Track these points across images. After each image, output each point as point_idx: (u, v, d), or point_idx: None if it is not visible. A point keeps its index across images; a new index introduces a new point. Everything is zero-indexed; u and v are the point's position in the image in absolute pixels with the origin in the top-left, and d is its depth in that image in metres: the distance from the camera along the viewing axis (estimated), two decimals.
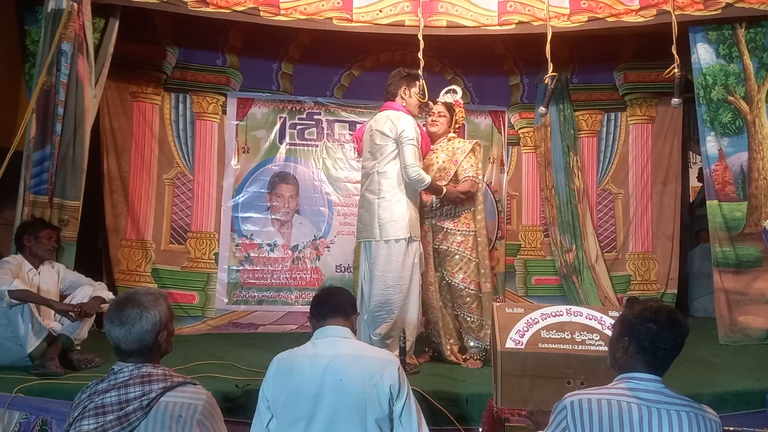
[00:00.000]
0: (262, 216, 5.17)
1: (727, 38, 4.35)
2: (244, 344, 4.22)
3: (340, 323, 2.04)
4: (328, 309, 2.06)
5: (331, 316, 2.04)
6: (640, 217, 5.35)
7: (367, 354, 1.99)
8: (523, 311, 2.47)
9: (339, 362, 1.92)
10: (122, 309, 1.68)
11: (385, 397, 1.90)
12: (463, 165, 3.66)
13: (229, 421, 1.87)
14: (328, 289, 2.16)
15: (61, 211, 3.79)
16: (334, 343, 1.98)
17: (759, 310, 4.24)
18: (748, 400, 2.96)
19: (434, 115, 3.76)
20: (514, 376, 2.33)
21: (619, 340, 1.69)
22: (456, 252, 3.62)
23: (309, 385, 1.90)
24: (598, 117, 5.45)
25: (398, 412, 1.93)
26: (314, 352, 1.97)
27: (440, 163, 3.69)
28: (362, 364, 1.93)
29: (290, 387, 1.93)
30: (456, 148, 3.71)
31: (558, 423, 1.62)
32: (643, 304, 1.70)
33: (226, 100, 5.18)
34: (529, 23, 4.25)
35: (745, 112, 4.34)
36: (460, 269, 3.61)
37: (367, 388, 1.89)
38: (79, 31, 3.82)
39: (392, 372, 1.94)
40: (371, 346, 2.16)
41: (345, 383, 1.89)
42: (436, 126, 3.75)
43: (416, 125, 3.48)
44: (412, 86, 3.57)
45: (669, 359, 1.66)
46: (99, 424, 1.59)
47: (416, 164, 3.38)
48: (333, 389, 1.89)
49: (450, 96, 3.88)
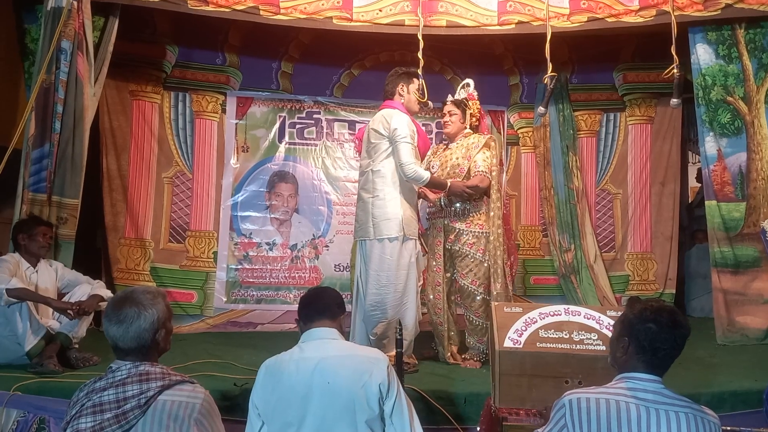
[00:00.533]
0: (261, 215, 5.17)
1: (727, 39, 4.36)
2: (243, 343, 4.22)
3: (327, 324, 2.01)
4: (314, 311, 2.04)
5: (317, 318, 2.02)
6: (639, 217, 5.36)
7: (355, 354, 1.98)
8: (522, 311, 2.47)
9: (326, 364, 1.90)
10: (120, 307, 1.68)
11: (375, 396, 1.88)
12: (476, 160, 3.57)
13: (227, 420, 1.88)
14: (314, 291, 2.15)
15: (60, 210, 3.79)
16: (321, 345, 1.96)
17: (757, 311, 4.24)
18: (746, 400, 2.97)
19: (445, 116, 3.72)
20: (512, 376, 2.33)
21: (620, 340, 1.69)
22: (467, 253, 3.54)
23: (297, 389, 1.89)
24: (597, 117, 5.45)
25: (389, 412, 1.92)
26: (301, 356, 1.94)
27: (454, 160, 3.61)
28: (350, 364, 1.92)
29: (279, 392, 1.91)
30: (470, 144, 3.62)
31: (557, 421, 1.62)
32: (643, 304, 1.69)
33: (225, 99, 5.18)
34: (529, 23, 4.25)
35: (744, 112, 4.35)
36: (470, 271, 3.55)
37: (356, 388, 1.87)
38: (78, 29, 3.82)
39: (381, 370, 1.92)
40: (360, 346, 2.14)
41: (333, 385, 1.88)
42: (449, 126, 3.70)
43: (411, 123, 3.46)
44: (410, 83, 3.55)
45: (669, 360, 1.66)
46: (97, 422, 1.59)
47: (412, 162, 3.34)
48: (321, 392, 1.87)
49: (463, 91, 3.75)
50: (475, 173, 3.56)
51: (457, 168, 3.59)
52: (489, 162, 3.58)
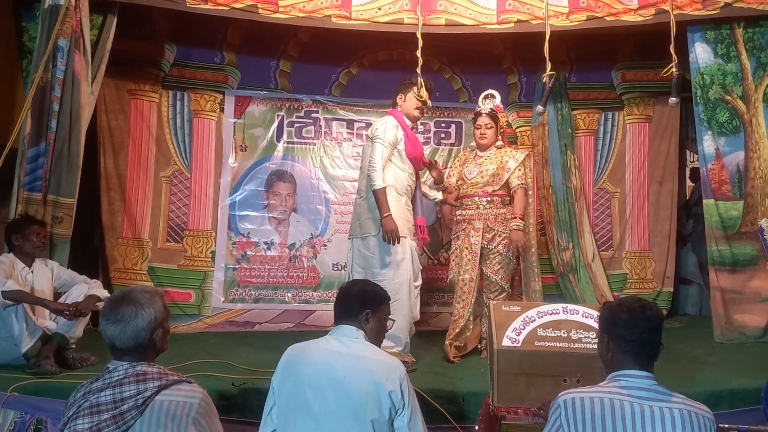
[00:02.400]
0: (259, 214, 5.16)
1: (725, 38, 4.35)
2: (241, 342, 4.22)
3: (352, 323, 2.06)
4: (340, 310, 2.11)
5: (343, 317, 2.09)
6: (637, 216, 5.35)
7: (372, 358, 1.99)
8: (520, 309, 2.47)
9: (344, 362, 1.94)
10: (118, 307, 1.68)
11: (386, 403, 1.90)
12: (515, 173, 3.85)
13: (224, 420, 1.88)
14: (343, 291, 2.18)
15: (56, 209, 3.77)
16: (343, 343, 2.01)
17: (755, 309, 4.25)
18: (744, 398, 2.98)
19: (482, 128, 3.90)
20: (510, 374, 2.33)
21: (601, 340, 1.76)
22: (501, 252, 3.80)
23: (312, 381, 1.92)
24: (595, 116, 5.44)
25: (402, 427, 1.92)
26: (324, 348, 2.01)
27: (492, 169, 3.86)
28: (365, 367, 1.94)
29: (294, 379, 1.96)
30: (504, 158, 3.89)
31: (553, 422, 1.63)
32: (611, 302, 1.82)
33: (223, 98, 5.16)
34: (528, 22, 4.24)
35: (742, 111, 4.35)
36: (501, 268, 3.81)
37: (369, 391, 1.89)
38: (76, 27, 3.81)
39: (394, 379, 1.93)
40: (379, 350, 2.14)
41: (347, 383, 1.90)
42: (485, 138, 3.90)
43: (399, 129, 3.58)
44: (407, 92, 3.69)
45: (651, 348, 1.67)
46: (94, 423, 1.58)
47: (376, 161, 3.44)
48: (335, 388, 1.90)
49: (490, 102, 3.97)
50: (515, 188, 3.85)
51: (497, 177, 3.85)
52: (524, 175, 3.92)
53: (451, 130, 5.44)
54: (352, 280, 2.43)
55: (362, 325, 2.07)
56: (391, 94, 3.86)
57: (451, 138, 5.43)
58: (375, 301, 2.13)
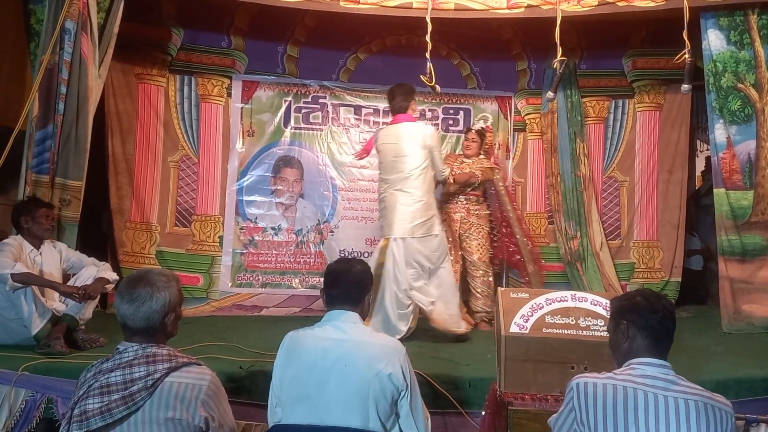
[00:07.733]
0: (267, 199, 5.16)
1: (739, 25, 4.29)
2: (248, 326, 4.24)
3: (348, 308, 2.01)
4: (334, 296, 2.04)
5: (338, 302, 2.03)
6: (645, 205, 5.32)
7: (371, 341, 1.97)
8: (528, 296, 2.46)
9: (344, 348, 1.91)
10: (134, 287, 1.69)
11: (389, 386, 1.88)
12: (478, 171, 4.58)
13: (233, 402, 1.88)
14: (335, 273, 2.07)
15: (63, 191, 3.78)
16: (341, 328, 1.97)
17: (763, 299, 4.23)
18: (751, 387, 2.97)
19: (469, 140, 4.65)
20: (517, 361, 2.33)
21: (618, 327, 1.72)
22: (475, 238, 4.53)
23: (312, 368, 1.90)
24: (605, 104, 5.40)
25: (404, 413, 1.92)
26: (321, 335, 1.96)
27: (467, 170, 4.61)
28: (366, 351, 1.92)
29: (295, 366, 1.93)
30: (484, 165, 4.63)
31: (566, 403, 1.63)
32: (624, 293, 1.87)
33: (231, 82, 5.15)
34: (539, 7, 4.20)
35: (755, 99, 4.29)
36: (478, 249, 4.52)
37: (370, 376, 1.87)
38: (83, 10, 3.79)
39: (394, 362, 1.91)
40: (378, 333, 2.14)
41: (348, 369, 1.88)
42: (470, 149, 4.64)
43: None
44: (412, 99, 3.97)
45: (669, 336, 1.67)
46: (104, 403, 1.59)
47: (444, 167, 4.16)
48: (336, 374, 1.88)
49: (482, 122, 4.93)
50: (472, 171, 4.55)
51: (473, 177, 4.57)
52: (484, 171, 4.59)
53: (459, 117, 5.41)
54: (343, 259, 2.30)
55: (363, 309, 2.05)
56: (399, 79, 3.83)
57: (459, 125, 5.39)
58: (372, 283, 2.13)
